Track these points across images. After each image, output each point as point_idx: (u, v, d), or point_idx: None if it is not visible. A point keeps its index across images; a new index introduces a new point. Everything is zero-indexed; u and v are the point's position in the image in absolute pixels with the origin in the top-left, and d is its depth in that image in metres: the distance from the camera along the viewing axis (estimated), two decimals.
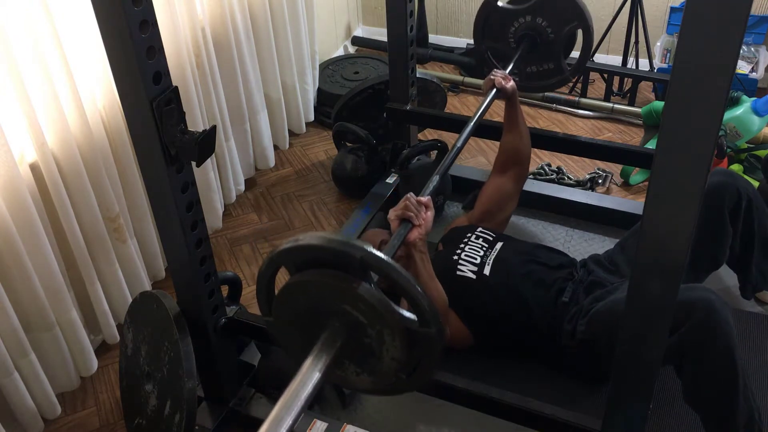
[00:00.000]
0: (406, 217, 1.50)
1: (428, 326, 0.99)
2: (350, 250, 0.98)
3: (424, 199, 1.53)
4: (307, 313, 1.08)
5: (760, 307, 2.08)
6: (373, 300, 0.99)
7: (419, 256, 1.58)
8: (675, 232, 1.07)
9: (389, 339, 1.01)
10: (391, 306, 0.99)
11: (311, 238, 1.01)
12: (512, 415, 1.55)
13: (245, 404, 1.82)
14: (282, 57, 2.88)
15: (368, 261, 0.98)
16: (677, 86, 0.94)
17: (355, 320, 1.02)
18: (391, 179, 2.64)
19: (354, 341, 1.04)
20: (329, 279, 1.02)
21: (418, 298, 0.98)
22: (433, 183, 1.63)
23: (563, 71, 2.34)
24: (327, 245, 1.00)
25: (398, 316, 0.99)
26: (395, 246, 1.44)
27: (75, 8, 1.81)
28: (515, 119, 2.13)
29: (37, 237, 1.77)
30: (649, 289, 1.16)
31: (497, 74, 2.08)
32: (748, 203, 1.86)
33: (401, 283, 0.98)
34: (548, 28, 2.26)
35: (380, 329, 1.01)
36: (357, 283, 0.99)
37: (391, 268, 0.98)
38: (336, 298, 1.03)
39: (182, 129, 1.33)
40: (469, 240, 1.98)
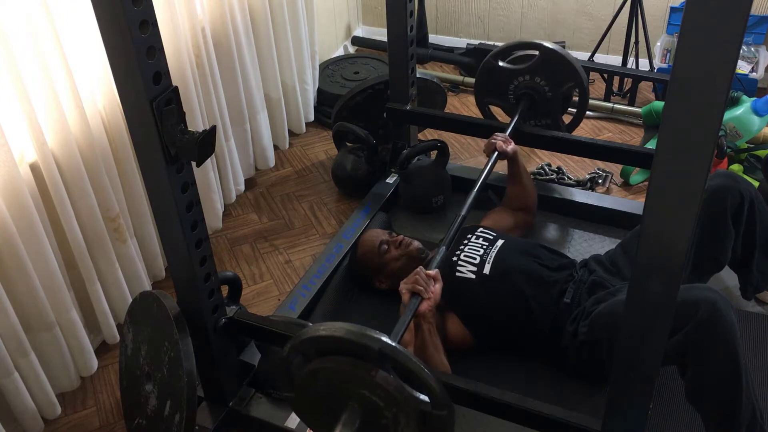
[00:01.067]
0: (416, 291, 1.60)
1: (441, 409, 1.09)
2: (369, 342, 1.08)
3: (433, 273, 1.64)
4: (328, 395, 1.18)
5: (760, 307, 2.08)
6: (390, 387, 1.09)
7: (427, 327, 1.67)
8: (675, 232, 1.07)
9: (404, 421, 1.10)
10: (407, 392, 1.09)
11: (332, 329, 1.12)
12: (512, 415, 1.54)
13: (245, 404, 1.82)
14: (282, 57, 2.88)
15: (386, 352, 1.08)
16: (677, 86, 0.94)
17: (373, 403, 1.12)
18: (391, 179, 2.64)
19: (371, 422, 1.13)
20: (350, 367, 1.12)
21: (431, 384, 1.08)
22: (440, 255, 1.71)
23: (560, 128, 2.48)
24: (347, 337, 1.10)
25: (413, 401, 1.09)
26: (406, 320, 1.53)
27: (75, 8, 1.81)
28: (518, 177, 2.25)
29: (37, 237, 1.77)
30: (649, 289, 1.16)
31: (498, 138, 2.17)
32: (750, 205, 1.86)
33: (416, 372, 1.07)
34: (546, 86, 2.40)
35: (396, 412, 1.10)
36: (375, 371, 1.09)
37: (407, 359, 1.08)
38: (355, 383, 1.13)
39: (182, 129, 1.33)
40: (469, 241, 1.98)
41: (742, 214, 1.87)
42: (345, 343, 1.12)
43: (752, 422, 1.54)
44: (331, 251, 2.29)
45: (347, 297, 2.19)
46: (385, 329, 1.80)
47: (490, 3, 3.61)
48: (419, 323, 1.66)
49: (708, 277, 1.96)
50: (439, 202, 2.55)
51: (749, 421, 1.53)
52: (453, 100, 3.36)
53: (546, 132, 2.42)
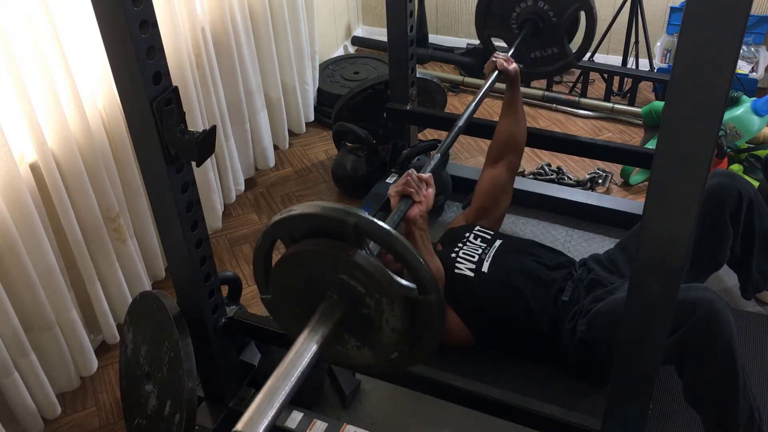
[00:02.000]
0: (407, 193, 1.48)
1: (427, 293, 0.97)
2: (344, 216, 0.95)
3: (425, 176, 1.51)
4: (304, 287, 1.05)
5: (760, 307, 2.08)
6: (370, 267, 0.96)
7: (419, 234, 1.56)
8: (675, 232, 1.07)
9: (388, 308, 0.98)
10: (389, 274, 0.97)
11: (305, 207, 0.99)
12: (512, 415, 1.55)
13: (245, 404, 1.81)
14: (282, 57, 2.88)
15: (363, 227, 0.95)
16: (677, 86, 0.94)
17: (353, 290, 0.99)
18: (391, 179, 2.64)
19: (353, 312, 1.01)
20: (324, 248, 0.99)
21: (415, 264, 0.96)
22: (435, 160, 1.61)
23: (567, 55, 2.32)
24: (320, 213, 0.98)
25: (396, 284, 0.97)
26: (395, 222, 1.42)
27: (75, 8, 1.81)
28: (515, 103, 2.12)
29: (37, 237, 1.77)
30: (649, 289, 1.15)
31: (499, 56, 2.07)
32: (749, 205, 1.86)
33: (398, 249, 0.95)
34: (550, 11, 2.24)
35: (379, 298, 0.98)
36: (353, 251, 0.96)
37: (387, 233, 0.96)
38: (332, 267, 1.00)
39: (182, 129, 1.33)
40: (467, 240, 1.98)
41: (741, 214, 1.87)
42: (320, 221, 0.99)
43: (750, 422, 1.54)
44: None
45: None
46: None
47: None
48: (410, 229, 1.54)
49: (706, 277, 1.96)
50: (439, 202, 2.55)
51: (746, 420, 1.54)
52: (453, 100, 3.36)
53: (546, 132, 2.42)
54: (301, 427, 1.74)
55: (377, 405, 1.87)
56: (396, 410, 1.86)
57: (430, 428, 1.82)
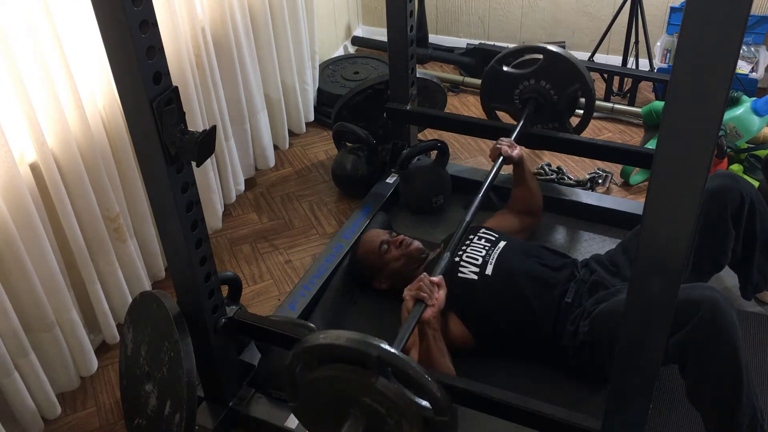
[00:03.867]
0: (420, 297, 1.59)
1: (443, 414, 1.08)
2: (368, 349, 1.08)
3: (437, 279, 1.63)
4: (331, 403, 1.18)
5: (760, 307, 2.08)
6: (391, 393, 1.08)
7: (431, 334, 1.67)
8: (675, 232, 1.07)
9: (407, 427, 1.09)
10: (408, 398, 1.08)
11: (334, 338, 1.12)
12: (512, 415, 1.55)
13: (245, 404, 1.82)
14: (282, 57, 2.88)
15: (385, 358, 1.07)
16: (677, 86, 0.94)
17: (375, 411, 1.11)
18: (391, 179, 2.64)
19: (375, 428, 1.13)
20: (349, 374, 1.12)
21: (433, 391, 1.07)
22: (444, 261, 1.71)
23: (567, 130, 2.47)
24: (347, 345, 1.10)
25: (415, 408, 1.09)
26: (411, 326, 1.53)
27: (75, 8, 1.81)
28: (524, 181, 2.24)
29: (37, 237, 1.77)
30: (649, 289, 1.16)
31: (503, 143, 2.16)
32: (751, 206, 1.86)
33: (416, 379, 1.07)
34: (551, 90, 2.40)
35: (398, 419, 1.09)
36: (375, 378, 1.09)
37: (407, 365, 1.07)
38: (356, 391, 1.13)
39: (182, 129, 1.33)
40: (471, 241, 1.98)
41: (742, 215, 1.86)
42: (345, 351, 1.12)
43: (752, 422, 1.54)
44: (331, 251, 2.29)
45: (347, 297, 2.19)
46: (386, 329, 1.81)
47: (490, 3, 3.61)
48: (423, 330, 1.65)
49: (708, 278, 1.96)
50: (439, 202, 2.55)
51: (749, 420, 1.53)
52: (453, 100, 3.36)
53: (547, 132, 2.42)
54: (301, 427, 1.74)
55: None
56: None
57: None
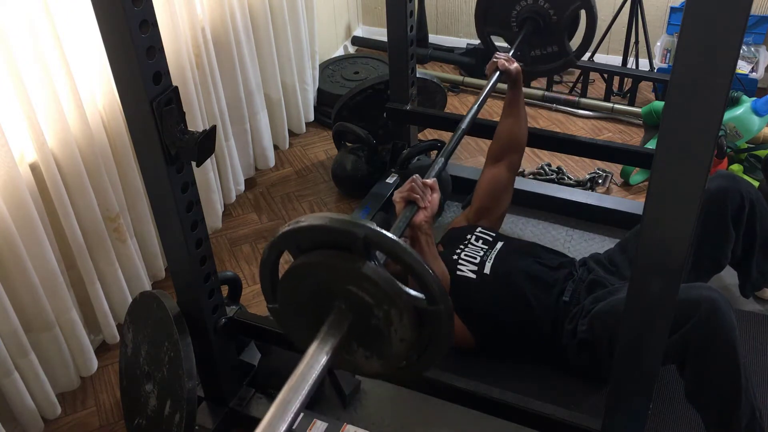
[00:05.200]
0: (412, 198, 1.48)
1: (436, 303, 0.97)
2: (353, 229, 0.95)
3: (430, 181, 1.51)
4: (312, 298, 1.05)
5: (760, 306, 2.08)
6: (379, 279, 0.96)
7: (425, 239, 1.56)
8: (675, 232, 1.07)
9: (397, 319, 0.98)
10: (398, 285, 0.96)
11: (313, 219, 0.99)
12: (512, 415, 1.55)
13: (245, 404, 1.82)
14: (282, 57, 2.88)
15: (372, 239, 0.95)
16: (677, 86, 0.94)
17: (362, 301, 0.99)
18: (391, 179, 2.64)
19: (361, 323, 1.01)
20: (333, 260, 0.99)
21: (425, 275, 0.96)
22: (438, 165, 1.60)
23: (568, 53, 2.31)
24: (329, 225, 0.97)
25: (405, 295, 0.97)
26: (401, 228, 1.42)
27: (75, 8, 1.81)
28: (517, 103, 2.11)
29: (37, 237, 1.77)
30: (649, 289, 1.16)
31: (500, 56, 2.06)
32: (751, 207, 1.86)
33: (407, 260, 0.96)
34: (550, 9, 2.23)
35: (387, 309, 0.98)
36: (361, 263, 0.96)
37: (396, 245, 0.95)
38: (341, 279, 1.00)
39: (182, 129, 1.33)
40: (468, 241, 1.98)
41: (743, 216, 1.87)
42: (328, 233, 0.98)
43: (751, 422, 1.54)
44: None
45: None
46: None
47: None
48: (415, 234, 1.54)
49: (708, 278, 1.96)
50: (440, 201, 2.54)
51: (748, 420, 1.53)
52: (453, 100, 3.36)
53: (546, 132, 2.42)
54: (301, 427, 1.74)
55: (377, 405, 1.87)
56: (396, 410, 1.86)
57: (430, 428, 1.82)
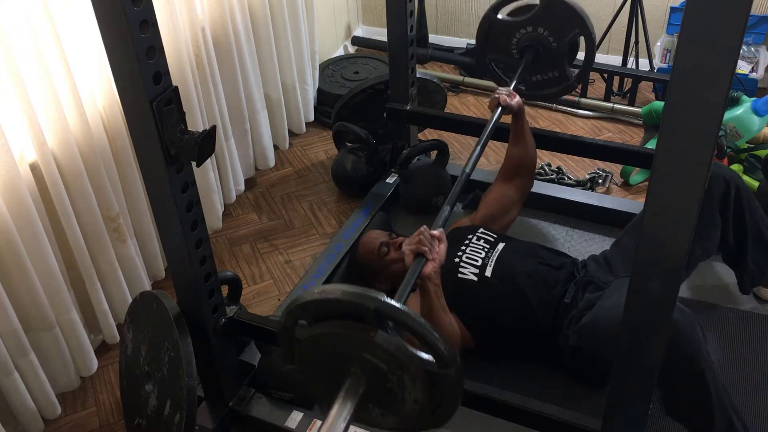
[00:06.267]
0: (421, 251, 1.54)
1: (447, 367, 1.03)
2: (365, 302, 1.02)
3: (437, 233, 1.57)
4: (328, 362, 1.13)
5: (759, 305, 2.07)
6: (391, 347, 1.03)
7: (433, 289, 1.62)
8: (675, 232, 1.07)
9: (410, 383, 1.05)
10: (410, 351, 1.03)
11: (327, 292, 1.07)
12: (512, 415, 1.55)
13: (245, 404, 1.82)
14: (282, 57, 2.88)
15: (383, 311, 1.02)
16: (677, 86, 0.94)
17: (376, 367, 1.06)
18: (391, 179, 2.64)
19: (376, 387, 1.08)
20: (348, 330, 1.06)
21: (435, 343, 1.02)
22: (444, 214, 1.66)
23: (568, 78, 2.35)
24: (342, 298, 1.05)
25: (417, 361, 1.03)
26: (411, 282, 1.48)
27: (75, 8, 1.81)
28: (521, 134, 2.16)
29: (37, 237, 1.77)
30: (649, 289, 1.16)
31: (502, 92, 2.10)
32: (737, 192, 1.87)
33: (417, 330, 1.02)
34: (550, 37, 2.27)
35: (400, 374, 1.05)
36: (374, 333, 1.03)
37: (406, 315, 1.02)
38: (355, 347, 1.07)
39: (182, 129, 1.33)
40: (470, 242, 1.98)
41: (729, 201, 1.87)
42: (342, 305, 1.06)
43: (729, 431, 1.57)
44: (331, 251, 2.29)
45: None
46: None
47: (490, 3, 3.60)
48: (425, 285, 1.60)
49: (695, 266, 1.96)
50: (439, 202, 2.54)
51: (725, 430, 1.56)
52: (453, 100, 3.36)
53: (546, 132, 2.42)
54: (301, 427, 1.74)
55: None
56: None
57: None
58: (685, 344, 1.49)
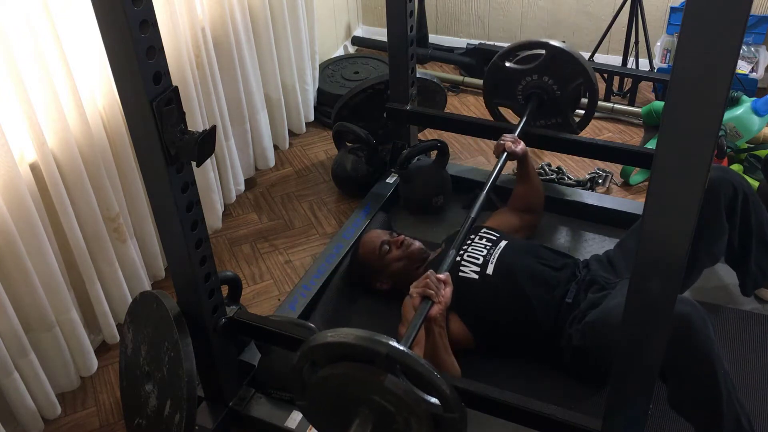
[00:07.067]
0: (427, 295, 1.59)
1: (452, 411, 1.08)
2: (377, 347, 1.08)
3: (443, 276, 1.62)
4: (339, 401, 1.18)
5: (759, 306, 2.07)
6: (400, 391, 1.08)
7: (438, 331, 1.67)
8: (675, 232, 1.07)
9: (416, 425, 1.09)
10: (417, 395, 1.08)
11: (342, 336, 1.12)
12: (512, 415, 1.55)
13: (245, 404, 1.82)
14: (282, 57, 2.88)
15: (394, 356, 1.07)
16: (677, 86, 0.94)
17: (384, 408, 1.11)
18: (391, 179, 2.64)
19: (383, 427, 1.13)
20: (359, 373, 1.12)
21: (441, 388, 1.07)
22: (450, 258, 1.70)
23: (570, 125, 2.45)
24: (356, 343, 1.10)
25: (423, 405, 1.08)
26: (418, 324, 1.53)
27: (75, 8, 1.81)
28: (527, 176, 2.23)
29: (37, 237, 1.77)
30: (649, 289, 1.15)
31: (507, 139, 2.15)
32: (744, 198, 1.87)
33: (425, 376, 1.07)
34: (554, 85, 2.38)
35: (407, 417, 1.09)
36: (384, 376, 1.08)
37: (416, 362, 1.07)
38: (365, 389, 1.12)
39: (182, 129, 1.33)
40: (472, 241, 1.98)
41: (736, 207, 1.86)
42: (354, 349, 1.11)
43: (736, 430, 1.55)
44: (331, 251, 2.29)
45: (347, 297, 2.19)
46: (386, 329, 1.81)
47: (490, 3, 3.61)
48: (430, 327, 1.66)
49: (700, 272, 1.96)
50: (439, 202, 2.55)
51: (732, 430, 1.55)
52: (453, 100, 3.36)
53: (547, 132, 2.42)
54: (301, 427, 1.74)
55: None
56: None
57: None
58: (697, 339, 1.47)
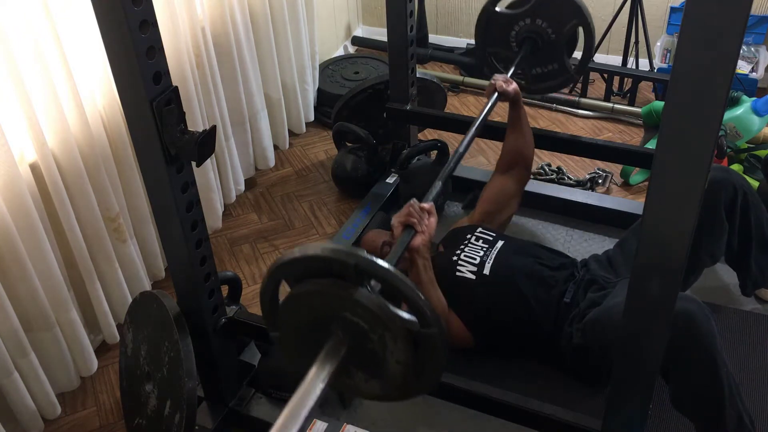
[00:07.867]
0: (410, 223, 1.52)
1: (429, 327, 1.00)
2: (344, 257, 0.99)
3: (427, 206, 1.55)
4: (310, 324, 1.09)
5: (760, 306, 2.07)
6: (371, 305, 0.99)
7: (422, 263, 1.60)
8: (675, 232, 1.07)
9: (392, 343, 1.01)
10: (390, 309, 1.00)
11: (306, 249, 1.03)
12: (512, 415, 1.55)
13: (245, 404, 1.82)
14: (282, 57, 2.88)
15: (363, 266, 0.99)
16: (677, 86, 0.94)
17: (357, 326, 1.02)
18: (391, 179, 2.64)
19: (358, 348, 1.05)
20: (327, 287, 1.03)
21: (416, 300, 0.99)
22: (436, 188, 1.64)
23: (568, 70, 2.34)
24: (320, 254, 1.01)
25: (398, 320, 1.00)
26: (398, 253, 1.46)
27: (75, 8, 1.81)
28: (518, 122, 2.13)
29: (37, 237, 1.77)
30: (649, 289, 1.15)
31: (498, 78, 2.08)
32: (744, 199, 1.87)
33: (398, 286, 0.99)
34: (549, 29, 2.26)
35: (382, 333, 1.01)
36: (354, 289, 1.00)
37: (386, 271, 0.99)
38: (335, 306, 1.04)
39: (182, 129, 1.33)
40: (469, 241, 1.98)
41: (736, 208, 1.86)
42: (323, 263, 1.03)
43: (739, 429, 1.55)
44: None
45: None
46: None
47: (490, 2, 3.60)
48: (413, 258, 1.58)
49: (700, 272, 1.96)
50: (439, 202, 2.55)
51: (735, 427, 1.55)
52: (453, 100, 3.36)
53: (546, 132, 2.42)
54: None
55: (377, 405, 1.87)
56: (396, 410, 1.86)
57: (430, 428, 1.82)
58: (701, 336, 1.47)
